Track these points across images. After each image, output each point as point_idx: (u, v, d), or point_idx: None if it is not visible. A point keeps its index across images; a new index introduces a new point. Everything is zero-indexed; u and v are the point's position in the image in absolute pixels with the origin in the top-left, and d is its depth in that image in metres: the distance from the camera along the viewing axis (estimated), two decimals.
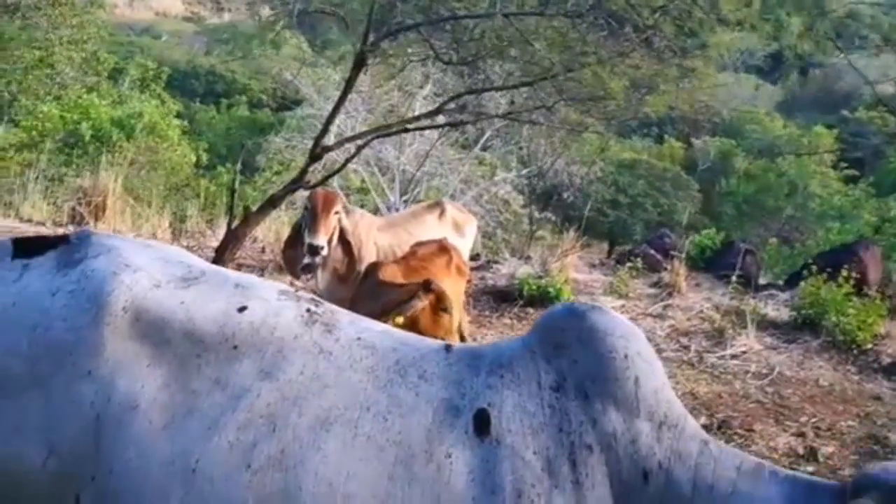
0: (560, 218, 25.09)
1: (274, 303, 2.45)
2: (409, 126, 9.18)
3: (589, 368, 2.37)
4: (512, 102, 10.51)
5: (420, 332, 3.62)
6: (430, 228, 7.05)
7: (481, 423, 2.29)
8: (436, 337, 4.79)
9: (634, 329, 2.53)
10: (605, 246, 27.21)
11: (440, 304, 5.33)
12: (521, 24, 7.73)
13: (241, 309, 2.39)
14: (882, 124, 37.64)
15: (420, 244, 6.30)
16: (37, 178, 11.93)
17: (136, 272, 2.38)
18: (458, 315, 6.53)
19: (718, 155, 36.01)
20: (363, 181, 19.93)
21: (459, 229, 7.39)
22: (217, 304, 2.39)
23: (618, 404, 2.33)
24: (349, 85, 8.34)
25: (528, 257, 12.03)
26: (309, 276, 6.56)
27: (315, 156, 8.55)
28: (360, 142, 8.78)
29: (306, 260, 6.21)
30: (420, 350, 2.48)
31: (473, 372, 2.41)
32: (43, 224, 10.69)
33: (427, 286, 5.32)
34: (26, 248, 2.48)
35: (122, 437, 2.25)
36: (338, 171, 9.45)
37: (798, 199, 31.79)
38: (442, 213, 7.30)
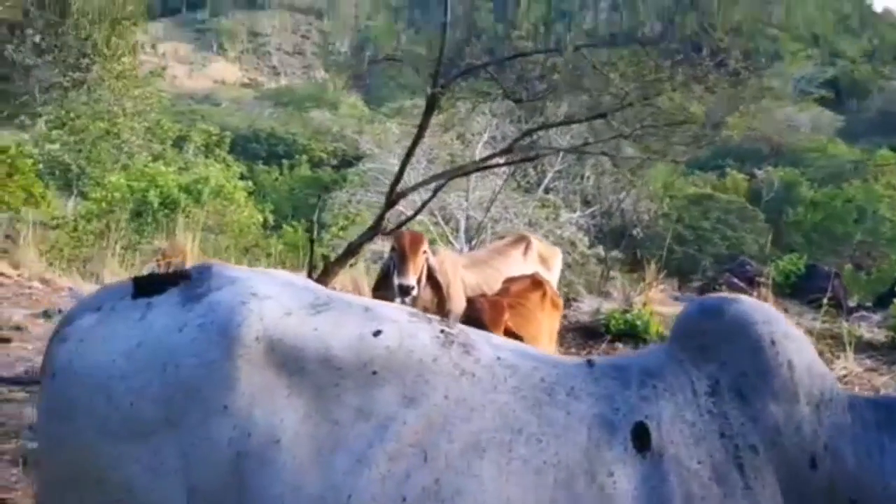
0: (629, 256, 24.93)
1: (407, 325, 2.34)
2: (483, 164, 9.11)
3: (739, 366, 2.26)
4: (586, 141, 10.37)
5: None
6: (516, 263, 6.93)
7: (640, 437, 2.16)
8: None
9: (772, 310, 2.41)
10: (675, 282, 27.00)
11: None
12: (593, 56, 7.66)
13: (376, 333, 2.28)
14: None
15: (512, 280, 6.18)
16: (115, 244, 12.08)
17: (265, 300, 2.28)
18: (553, 350, 6.39)
19: (782, 184, 35.53)
20: (428, 230, 19.94)
21: (546, 263, 7.25)
22: (350, 329, 2.28)
23: (776, 396, 2.21)
24: (422, 129, 8.29)
25: (607, 293, 11.87)
26: None
27: (391, 202, 8.48)
28: (435, 184, 8.71)
29: (397, 301, 6.12)
30: (562, 367, 2.36)
31: (623, 385, 2.29)
32: None
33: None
34: (146, 286, 2.40)
35: (266, 474, 2.14)
36: (415, 214, 9.40)
37: (867, 223, 31.26)
38: (527, 247, 7.18)
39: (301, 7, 76.63)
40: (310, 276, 8.79)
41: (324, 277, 8.64)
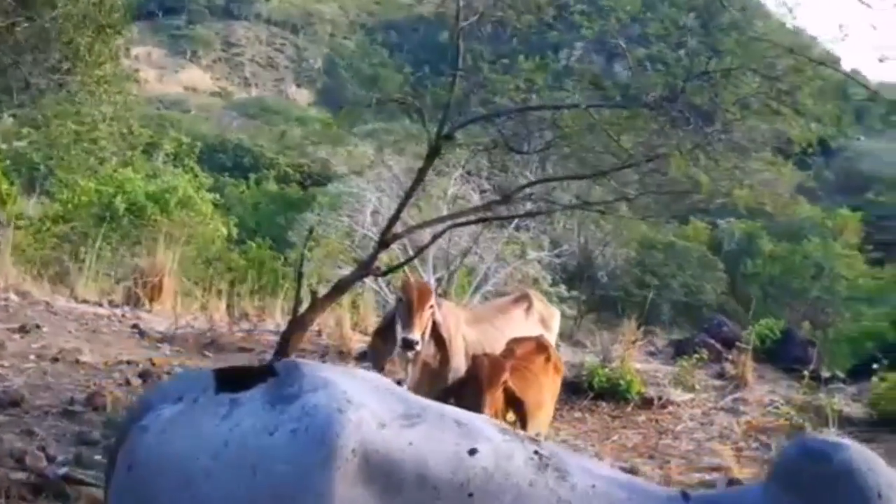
0: (589, 296, 25.10)
1: (502, 444, 2.28)
2: (485, 216, 9.09)
3: None
4: (577, 196, 10.39)
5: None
6: (518, 323, 6.84)
7: None
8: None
9: (877, 458, 2.38)
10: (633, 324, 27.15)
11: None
12: (598, 115, 7.68)
13: (472, 451, 2.22)
14: None
15: (516, 341, 6.10)
16: (90, 259, 11.91)
17: (360, 409, 2.21)
18: (550, 413, 6.36)
19: (744, 236, 35.88)
20: (396, 258, 19.84)
21: (546, 323, 7.17)
22: (446, 445, 2.22)
23: None
24: (422, 173, 8.25)
25: (580, 342, 11.87)
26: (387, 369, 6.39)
27: (384, 243, 8.42)
28: (437, 229, 8.67)
29: (396, 354, 6.03)
30: (655, 499, 2.31)
31: None
32: (100, 304, 10.58)
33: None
34: (229, 380, 2.33)
35: None
36: (411, 259, 9.34)
37: (824, 281, 31.64)
38: (529, 307, 7.09)
39: (277, 21, 76.67)
40: (295, 311, 8.71)
41: (310, 313, 8.55)
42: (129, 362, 8.28)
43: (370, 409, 2.23)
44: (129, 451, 2.27)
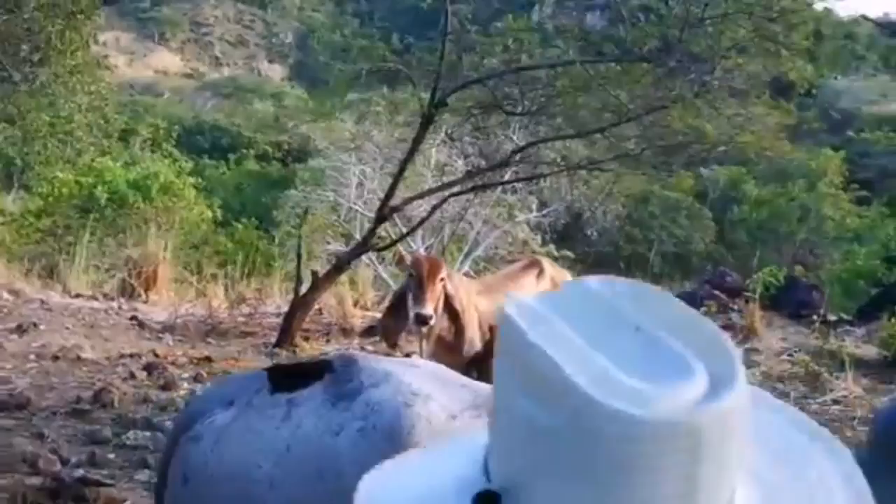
0: (578, 254, 24.98)
1: None
2: (482, 182, 8.94)
3: None
4: (565, 157, 10.22)
5: None
6: (530, 290, 6.67)
7: None
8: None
9: None
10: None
11: None
12: (595, 71, 7.53)
13: None
14: (888, 144, 37.70)
15: None
16: (80, 252, 11.73)
17: (428, 402, 2.07)
18: None
19: (728, 183, 35.81)
20: (385, 230, 19.63)
21: (557, 288, 7.03)
22: None
23: None
24: (416, 143, 8.08)
25: None
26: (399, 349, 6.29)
27: (382, 217, 8.28)
28: (433, 201, 8.52)
29: (412, 330, 5.92)
30: None
31: None
32: (95, 298, 10.41)
33: None
34: (284, 379, 2.18)
35: None
36: (409, 233, 9.20)
37: (811, 222, 31.61)
38: (540, 272, 6.93)
39: None
40: (296, 292, 8.57)
41: (312, 293, 8.43)
42: (132, 355, 8.15)
43: (438, 401, 2.08)
44: (182, 463, 2.12)
